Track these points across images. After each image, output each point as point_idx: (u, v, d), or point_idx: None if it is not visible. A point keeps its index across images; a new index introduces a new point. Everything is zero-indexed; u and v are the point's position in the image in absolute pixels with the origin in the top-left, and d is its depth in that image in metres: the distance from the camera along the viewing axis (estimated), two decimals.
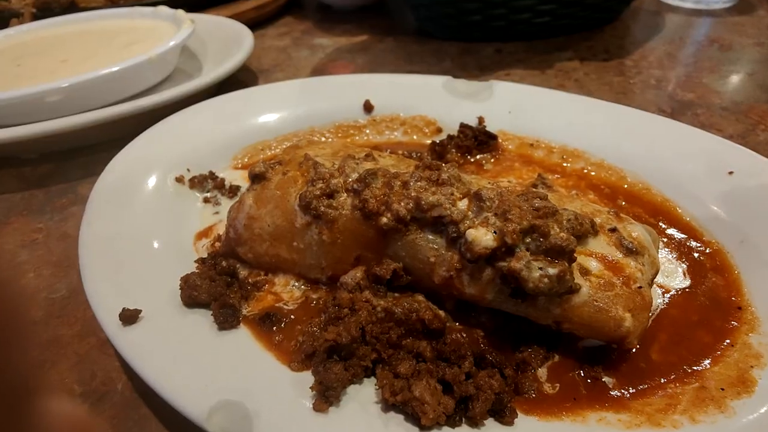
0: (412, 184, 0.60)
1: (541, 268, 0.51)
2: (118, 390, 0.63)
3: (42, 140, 0.96)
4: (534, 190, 0.61)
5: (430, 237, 0.58)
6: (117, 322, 0.57)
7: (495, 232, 0.53)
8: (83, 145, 1.04)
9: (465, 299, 0.59)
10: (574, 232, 0.55)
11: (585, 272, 0.55)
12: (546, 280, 0.51)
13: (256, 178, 0.68)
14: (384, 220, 0.59)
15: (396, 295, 0.61)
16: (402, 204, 0.58)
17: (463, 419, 0.49)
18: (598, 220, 0.60)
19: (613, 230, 0.59)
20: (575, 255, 0.55)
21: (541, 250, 0.53)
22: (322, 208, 0.62)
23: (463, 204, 0.58)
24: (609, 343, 0.55)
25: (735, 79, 1.21)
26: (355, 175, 0.64)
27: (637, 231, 0.60)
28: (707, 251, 0.69)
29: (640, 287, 0.54)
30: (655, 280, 0.67)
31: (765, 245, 0.66)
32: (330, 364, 0.52)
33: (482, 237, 0.53)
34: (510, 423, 0.49)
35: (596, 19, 1.46)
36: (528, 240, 0.53)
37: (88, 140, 1.03)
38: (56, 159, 1.05)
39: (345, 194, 0.63)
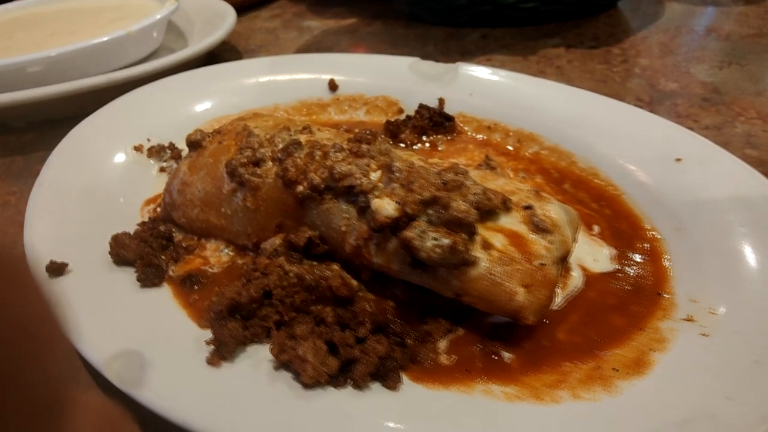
0: (331, 154, 0.61)
1: (435, 239, 0.52)
2: None
3: (24, 109, 1.01)
4: (454, 165, 0.61)
5: (344, 207, 0.59)
6: (45, 273, 0.61)
7: (398, 202, 0.54)
8: (67, 116, 1.09)
9: (375, 269, 0.60)
10: (479, 206, 0.55)
11: (487, 246, 0.54)
12: (438, 250, 0.51)
13: (192, 146, 0.70)
14: (300, 188, 0.60)
15: (313, 263, 0.62)
16: (318, 173, 0.59)
17: (348, 381, 0.51)
18: (514, 198, 0.59)
19: (528, 208, 0.58)
20: (480, 229, 0.55)
21: (442, 222, 0.53)
22: (246, 176, 0.63)
23: (376, 175, 0.59)
24: (509, 318, 0.55)
25: (725, 69, 1.16)
26: (282, 145, 0.65)
27: (553, 210, 0.59)
28: (642, 237, 0.68)
29: (543, 264, 0.54)
30: (583, 263, 0.66)
31: (699, 233, 0.65)
32: (227, 321, 0.54)
33: (385, 206, 0.54)
34: (393, 387, 0.50)
35: (589, 6, 1.42)
36: (430, 212, 0.54)
37: (69, 111, 1.07)
38: (41, 128, 1.10)
39: (271, 163, 0.64)
